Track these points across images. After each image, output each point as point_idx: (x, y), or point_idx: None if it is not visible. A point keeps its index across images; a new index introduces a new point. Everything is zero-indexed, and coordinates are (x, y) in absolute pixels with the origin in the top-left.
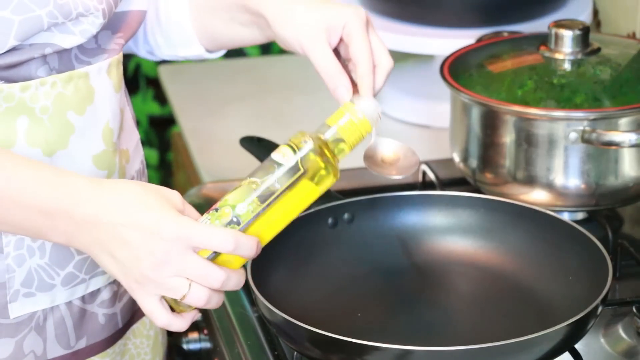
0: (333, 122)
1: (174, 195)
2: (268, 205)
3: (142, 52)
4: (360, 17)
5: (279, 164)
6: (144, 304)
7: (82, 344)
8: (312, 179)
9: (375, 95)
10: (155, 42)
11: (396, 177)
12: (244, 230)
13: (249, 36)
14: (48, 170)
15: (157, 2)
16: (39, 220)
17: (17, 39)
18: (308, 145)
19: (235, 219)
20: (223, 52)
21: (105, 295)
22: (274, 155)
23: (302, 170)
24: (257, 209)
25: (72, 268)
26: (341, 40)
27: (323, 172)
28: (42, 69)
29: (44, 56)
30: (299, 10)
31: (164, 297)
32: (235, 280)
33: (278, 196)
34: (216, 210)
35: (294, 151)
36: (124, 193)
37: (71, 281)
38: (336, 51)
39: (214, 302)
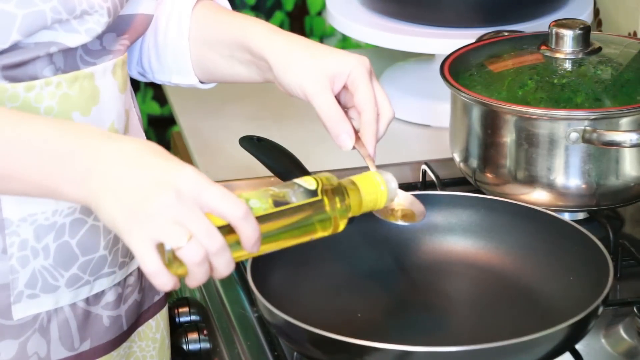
0: (362, 187)
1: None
2: (279, 212)
3: (133, 73)
4: (365, 66)
5: (299, 185)
6: (137, 247)
7: (86, 346)
8: (321, 215)
9: (377, 141)
10: (149, 66)
11: (402, 223)
12: None
13: (247, 75)
14: (58, 120)
15: (156, 27)
16: (49, 166)
17: (20, 34)
18: (332, 183)
19: None
20: (214, 85)
21: (110, 297)
22: (298, 179)
23: (319, 197)
24: (269, 210)
25: (76, 269)
26: (343, 87)
27: (332, 214)
28: (48, 69)
29: (50, 55)
30: (302, 56)
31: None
32: (228, 259)
33: (290, 209)
34: None
35: (317, 183)
36: (142, 142)
37: (75, 282)
38: (336, 98)
39: (200, 272)
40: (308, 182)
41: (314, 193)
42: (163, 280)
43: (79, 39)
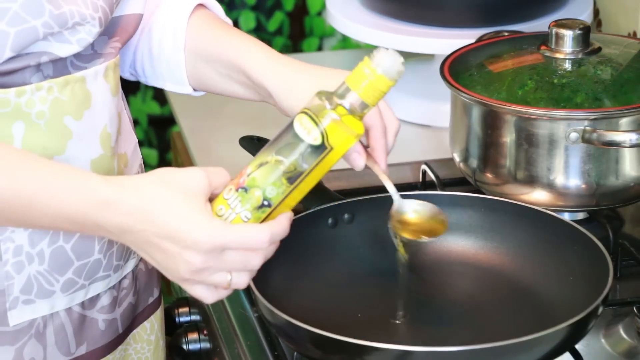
0: (353, 86)
1: (198, 181)
2: (296, 186)
3: (125, 74)
4: None
5: (303, 141)
6: (190, 292)
7: (82, 350)
8: (337, 148)
9: (387, 155)
10: (143, 71)
11: (425, 240)
12: (274, 209)
13: (244, 94)
14: (65, 173)
15: (150, 36)
16: (72, 227)
17: (13, 51)
18: (330, 118)
19: (266, 202)
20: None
21: (105, 300)
22: (297, 128)
23: (328, 148)
24: (287, 190)
25: (71, 274)
26: None
27: (348, 137)
28: (35, 77)
29: (38, 64)
30: (302, 79)
31: None
32: (281, 232)
33: (307, 175)
34: (245, 190)
35: (316, 124)
36: (149, 198)
37: (71, 287)
38: None
39: (255, 270)
40: (311, 134)
41: (322, 147)
42: (225, 294)
43: (71, 49)
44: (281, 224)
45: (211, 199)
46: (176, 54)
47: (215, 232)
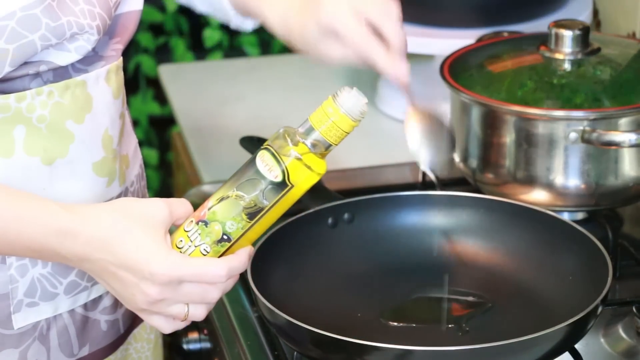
0: (316, 124)
1: (158, 211)
2: (256, 221)
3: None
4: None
5: (264, 178)
6: (147, 322)
7: (85, 351)
8: (298, 186)
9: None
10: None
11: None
12: (234, 244)
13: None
14: (24, 202)
15: None
16: (29, 254)
17: (11, 66)
18: (292, 156)
19: (225, 237)
20: (250, 25)
21: (107, 301)
22: (259, 164)
23: (289, 186)
24: (247, 226)
25: (74, 276)
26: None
27: (309, 175)
28: (35, 82)
29: (38, 72)
30: None
31: None
32: (239, 266)
33: (267, 212)
34: (205, 224)
35: (278, 162)
36: (108, 227)
37: (74, 289)
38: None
39: (213, 303)
40: (272, 171)
41: (283, 185)
42: (182, 326)
43: (70, 57)
44: (240, 259)
45: (172, 231)
46: None
47: (172, 265)
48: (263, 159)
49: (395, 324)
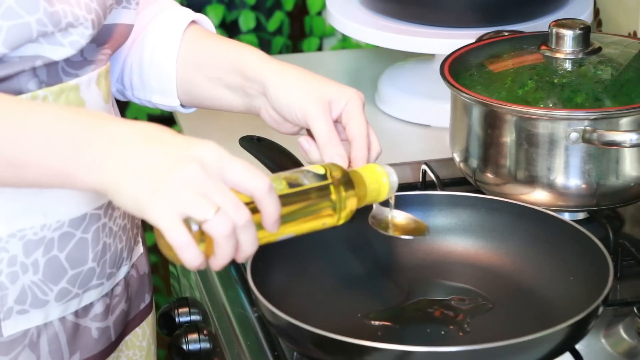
0: (366, 177)
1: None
2: (293, 193)
3: (112, 89)
4: (361, 99)
5: (309, 171)
6: (164, 221)
7: (75, 358)
8: (330, 199)
9: None
10: (130, 83)
11: (407, 237)
12: None
13: (231, 101)
14: (69, 107)
15: (143, 46)
16: (63, 152)
17: (5, 47)
18: (339, 171)
19: None
20: (194, 109)
21: (98, 308)
22: (307, 166)
23: (328, 181)
24: (284, 190)
25: (65, 283)
26: (335, 120)
27: (339, 200)
28: (32, 82)
29: (34, 69)
30: (301, 80)
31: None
32: (253, 234)
33: (303, 191)
34: None
35: (326, 170)
36: (157, 125)
37: (65, 296)
38: None
39: (227, 248)
40: (317, 169)
41: (323, 177)
42: (193, 254)
43: (64, 52)
44: (277, 199)
45: None
46: (168, 63)
47: (223, 151)
48: (313, 165)
49: (395, 324)
